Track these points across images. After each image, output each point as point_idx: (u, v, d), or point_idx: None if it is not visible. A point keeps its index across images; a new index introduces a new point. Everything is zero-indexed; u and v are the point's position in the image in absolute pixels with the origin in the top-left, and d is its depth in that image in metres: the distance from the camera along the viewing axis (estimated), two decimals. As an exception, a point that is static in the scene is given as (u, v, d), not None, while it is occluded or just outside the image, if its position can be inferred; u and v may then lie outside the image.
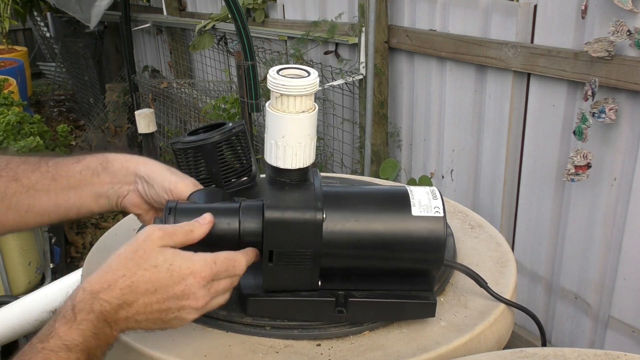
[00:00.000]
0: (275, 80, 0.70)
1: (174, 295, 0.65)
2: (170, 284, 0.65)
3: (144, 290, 0.64)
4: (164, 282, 0.65)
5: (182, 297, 0.65)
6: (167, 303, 0.65)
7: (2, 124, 2.46)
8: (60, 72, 5.81)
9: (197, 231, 0.69)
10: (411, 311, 0.78)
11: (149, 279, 0.64)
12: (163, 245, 0.66)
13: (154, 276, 0.64)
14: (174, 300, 0.65)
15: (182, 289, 0.65)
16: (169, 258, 0.65)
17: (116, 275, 0.64)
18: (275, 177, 0.76)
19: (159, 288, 0.64)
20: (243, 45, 2.16)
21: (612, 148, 1.72)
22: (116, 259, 0.65)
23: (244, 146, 1.00)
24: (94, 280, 0.64)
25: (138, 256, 0.65)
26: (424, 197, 0.76)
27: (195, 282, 0.66)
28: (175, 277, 0.65)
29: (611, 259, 1.81)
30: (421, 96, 2.43)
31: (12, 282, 2.06)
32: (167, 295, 0.65)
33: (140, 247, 0.65)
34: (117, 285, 0.63)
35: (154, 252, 0.65)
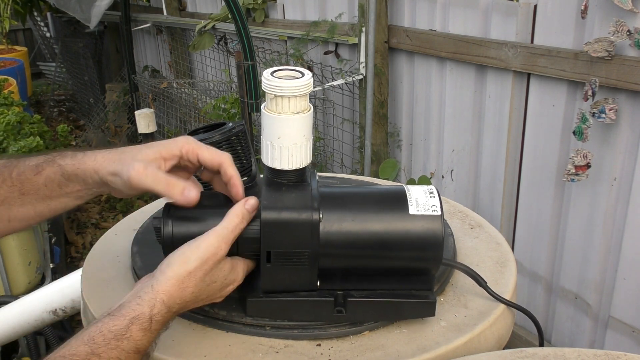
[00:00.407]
0: (269, 82, 0.71)
1: (215, 296, 0.75)
2: (218, 291, 0.74)
3: (201, 299, 0.73)
4: (217, 293, 0.74)
5: (221, 291, 0.75)
6: (208, 299, 0.74)
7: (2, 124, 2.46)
8: (60, 72, 5.81)
9: (246, 218, 0.74)
10: (411, 310, 0.78)
11: (208, 291, 0.72)
12: (223, 255, 0.72)
13: (211, 289, 0.72)
14: (214, 297, 0.75)
15: (223, 293, 0.75)
16: (226, 274, 0.73)
17: (188, 292, 0.70)
18: (272, 178, 0.76)
19: (210, 294, 0.73)
20: (243, 45, 2.16)
21: (612, 148, 1.72)
22: (188, 277, 0.69)
23: (244, 146, 1.00)
24: (170, 294, 0.68)
25: (204, 273, 0.70)
26: (421, 196, 0.76)
27: (233, 287, 0.75)
28: (223, 286, 0.74)
29: (611, 259, 1.81)
30: (421, 96, 2.43)
31: (12, 282, 2.06)
32: (212, 298, 0.75)
33: (208, 264, 0.70)
34: (186, 300, 0.70)
35: (216, 269, 0.71)
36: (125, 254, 0.96)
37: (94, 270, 0.95)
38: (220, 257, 0.71)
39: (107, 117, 4.52)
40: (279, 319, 0.78)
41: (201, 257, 0.69)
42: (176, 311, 0.70)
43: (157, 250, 0.85)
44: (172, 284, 0.68)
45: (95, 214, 3.55)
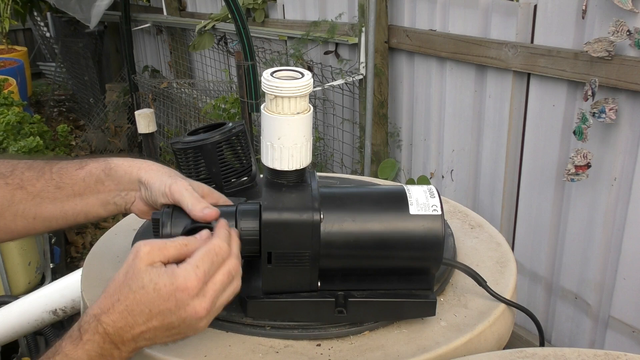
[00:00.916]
0: (269, 83, 0.71)
1: (168, 310, 0.64)
2: (160, 302, 0.64)
3: (139, 312, 0.64)
4: (155, 302, 0.64)
5: (178, 310, 0.64)
6: (166, 318, 0.64)
7: (2, 124, 2.46)
8: (60, 72, 5.81)
9: (192, 245, 0.67)
10: (411, 310, 0.78)
11: (139, 301, 0.63)
12: (151, 262, 0.65)
13: (143, 298, 0.63)
14: (171, 315, 0.64)
15: (174, 303, 0.64)
16: (154, 277, 0.64)
17: (112, 300, 0.64)
18: (272, 179, 0.76)
19: (152, 308, 0.64)
20: (243, 45, 2.16)
21: (612, 148, 1.72)
22: (113, 282, 0.65)
23: (244, 146, 1.00)
24: (96, 303, 0.65)
25: (128, 278, 0.64)
26: (422, 196, 0.76)
27: (185, 294, 0.64)
28: (163, 295, 0.64)
29: (611, 259, 1.81)
30: (421, 96, 2.43)
31: (12, 282, 2.06)
32: (162, 311, 0.64)
33: (130, 268, 0.65)
34: (114, 310, 0.63)
35: (140, 273, 0.64)
36: (125, 254, 0.96)
37: (94, 270, 0.95)
38: (142, 257, 0.64)
39: (107, 117, 4.52)
40: (279, 320, 0.78)
41: (126, 260, 0.66)
42: (108, 322, 0.63)
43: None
44: (102, 292, 0.66)
45: (95, 214, 3.54)
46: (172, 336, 0.66)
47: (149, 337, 0.65)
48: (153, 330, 0.64)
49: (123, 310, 0.63)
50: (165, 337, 0.66)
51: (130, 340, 0.64)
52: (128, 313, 0.63)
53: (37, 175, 0.80)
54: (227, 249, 0.68)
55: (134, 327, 0.64)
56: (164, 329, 0.65)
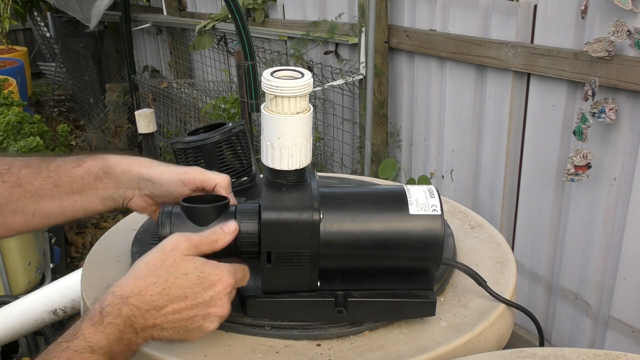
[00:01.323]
0: (269, 82, 0.71)
1: (203, 301, 0.67)
2: (200, 290, 0.66)
3: (175, 296, 0.65)
4: (195, 288, 0.66)
5: (210, 303, 0.67)
6: (195, 310, 0.67)
7: (2, 124, 2.46)
8: (60, 72, 5.81)
9: (222, 240, 0.71)
10: (411, 310, 0.79)
11: (180, 286, 0.66)
12: (189, 254, 0.68)
13: (185, 283, 0.66)
14: (202, 307, 0.67)
15: (212, 295, 0.67)
16: (199, 266, 0.67)
17: (147, 282, 0.65)
18: (272, 179, 0.76)
19: (190, 294, 0.66)
20: (243, 45, 2.16)
21: (612, 148, 1.72)
22: (145, 267, 0.66)
23: (244, 146, 1.00)
24: (123, 284, 0.65)
25: (168, 265, 0.66)
26: (421, 196, 0.76)
27: (223, 288, 0.68)
28: (205, 284, 0.67)
29: (611, 259, 1.81)
30: (421, 96, 2.43)
31: (12, 282, 2.06)
32: (197, 302, 0.66)
33: (169, 256, 0.66)
34: (147, 292, 0.65)
35: (183, 261, 0.67)
36: (125, 254, 0.96)
37: (94, 270, 0.95)
38: (182, 250, 0.67)
39: (107, 117, 4.52)
40: (279, 319, 0.78)
41: (158, 249, 0.68)
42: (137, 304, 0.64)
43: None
44: (127, 276, 0.66)
45: (95, 213, 3.54)
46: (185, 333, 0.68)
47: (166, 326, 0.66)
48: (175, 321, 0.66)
49: (157, 293, 0.65)
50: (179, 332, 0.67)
51: (150, 326, 0.65)
52: (162, 296, 0.65)
53: (35, 173, 0.81)
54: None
55: (161, 311, 0.65)
56: (185, 320, 0.67)
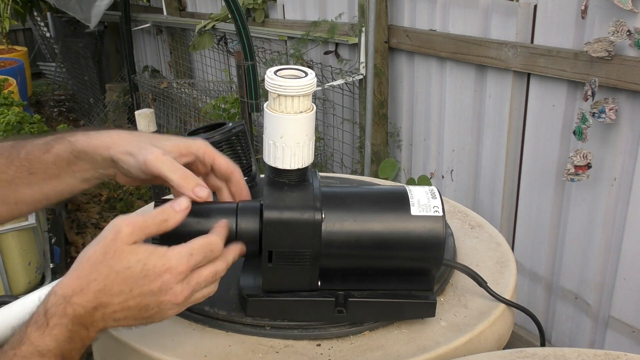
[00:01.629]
0: (273, 81, 0.71)
1: (150, 292, 0.63)
2: (145, 282, 0.62)
3: (118, 291, 0.62)
4: (139, 281, 0.62)
5: (160, 293, 0.63)
6: (144, 300, 0.63)
7: (2, 124, 2.46)
8: (60, 72, 5.81)
9: (172, 220, 0.66)
10: (411, 311, 0.79)
11: (122, 280, 0.62)
12: (134, 241, 0.63)
13: (127, 277, 0.62)
14: (150, 297, 0.63)
15: (159, 285, 0.63)
16: (142, 258, 0.62)
17: (88, 280, 0.62)
18: (274, 178, 0.76)
19: (134, 287, 0.62)
20: (243, 45, 2.16)
21: (612, 148, 1.72)
22: (87, 262, 0.63)
23: (244, 146, 1.00)
24: (65, 284, 0.62)
25: (109, 258, 0.62)
26: (423, 197, 0.76)
27: (172, 277, 0.63)
28: (150, 276, 0.62)
29: (611, 259, 1.81)
30: (421, 96, 2.43)
31: (12, 282, 2.06)
32: (143, 292, 0.63)
33: (110, 248, 0.62)
34: (89, 289, 0.61)
35: (124, 253, 0.62)
36: (126, 254, 0.96)
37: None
38: (124, 238, 0.62)
39: (107, 117, 4.52)
40: (279, 319, 0.78)
41: (99, 239, 0.63)
42: (81, 303, 0.61)
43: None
44: (69, 273, 0.63)
45: (95, 214, 3.55)
46: (142, 319, 0.65)
47: (119, 317, 0.63)
48: (126, 311, 0.63)
49: (99, 290, 0.61)
50: (135, 319, 0.64)
51: (100, 319, 0.62)
52: (104, 293, 0.62)
53: (7, 162, 0.77)
54: (221, 249, 0.68)
55: (108, 307, 0.62)
56: (137, 309, 0.63)
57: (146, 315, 0.64)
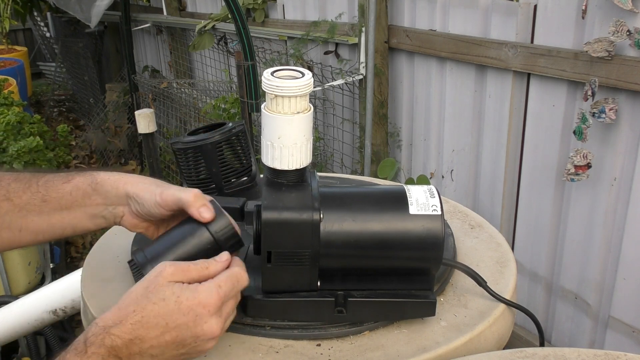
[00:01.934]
0: (270, 82, 0.71)
1: (185, 325, 0.65)
2: (179, 316, 0.65)
3: (154, 324, 0.64)
4: (173, 315, 0.64)
5: (195, 327, 0.65)
6: (180, 335, 0.65)
7: (2, 124, 2.46)
8: (60, 72, 5.81)
9: (213, 268, 0.69)
10: (411, 310, 0.79)
11: (157, 313, 0.64)
12: (174, 280, 0.67)
13: (162, 310, 0.64)
14: (186, 331, 0.65)
15: (193, 319, 0.65)
16: (177, 291, 0.66)
17: (127, 311, 0.64)
18: (272, 179, 0.76)
19: (170, 321, 0.64)
20: (243, 45, 2.16)
21: (612, 148, 1.72)
22: (128, 296, 0.66)
23: (243, 146, 1.00)
24: (107, 316, 0.65)
25: (149, 291, 0.65)
26: (422, 196, 0.76)
27: (206, 311, 0.66)
28: (183, 309, 0.65)
29: (611, 259, 1.81)
30: (421, 96, 2.43)
31: (12, 282, 2.06)
32: (179, 327, 0.65)
33: (152, 284, 0.66)
34: (127, 321, 0.64)
35: (162, 286, 0.65)
36: (125, 254, 0.96)
37: (94, 270, 0.95)
38: (166, 276, 0.66)
39: (107, 117, 4.52)
40: (279, 319, 0.78)
41: (144, 278, 0.68)
42: (119, 334, 0.63)
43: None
44: (113, 307, 0.66)
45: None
46: (179, 356, 0.66)
47: (155, 352, 0.65)
48: (163, 346, 0.65)
49: (137, 322, 0.64)
50: (172, 356, 0.66)
51: (137, 354, 0.64)
52: (142, 325, 0.64)
53: (24, 188, 0.80)
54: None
55: (145, 341, 0.64)
56: (174, 345, 0.65)
57: (183, 352, 0.66)
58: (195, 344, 0.66)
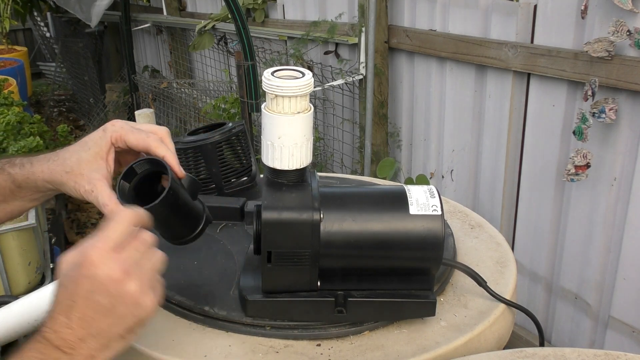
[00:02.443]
0: (270, 82, 0.71)
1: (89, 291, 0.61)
2: (78, 282, 0.62)
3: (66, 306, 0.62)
4: (77, 283, 0.61)
5: (95, 279, 0.61)
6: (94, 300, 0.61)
7: (2, 124, 2.46)
8: (60, 72, 5.81)
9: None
10: (411, 310, 0.79)
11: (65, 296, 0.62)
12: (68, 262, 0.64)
13: (67, 290, 0.62)
14: (96, 295, 0.61)
15: (90, 274, 0.61)
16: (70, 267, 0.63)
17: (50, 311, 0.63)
18: (272, 179, 0.76)
19: (74, 297, 0.61)
20: (243, 45, 2.16)
21: (612, 148, 1.72)
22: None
23: (243, 146, 1.00)
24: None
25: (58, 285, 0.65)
26: (422, 196, 0.76)
27: (96, 260, 0.61)
28: (79, 274, 0.62)
29: (611, 259, 1.81)
30: (421, 96, 2.43)
31: (12, 282, 2.05)
32: (86, 296, 0.61)
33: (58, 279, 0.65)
34: (49, 316, 0.62)
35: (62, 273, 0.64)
36: (126, 254, 0.96)
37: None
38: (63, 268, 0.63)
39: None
40: (279, 319, 0.78)
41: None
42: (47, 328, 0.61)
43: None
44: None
45: (95, 214, 3.55)
46: (119, 324, 0.62)
47: (95, 332, 0.61)
48: (94, 322, 0.61)
49: (55, 312, 0.62)
50: (111, 325, 0.61)
51: (77, 340, 0.60)
52: (59, 313, 0.61)
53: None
54: (129, 213, 0.66)
55: (71, 325, 0.61)
56: (101, 314, 0.61)
57: (117, 317, 0.62)
58: (119, 301, 0.61)
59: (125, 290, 0.61)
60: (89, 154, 0.78)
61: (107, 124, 0.79)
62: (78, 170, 0.77)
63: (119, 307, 0.61)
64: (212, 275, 0.87)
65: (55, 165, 0.79)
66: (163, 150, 0.76)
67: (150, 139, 0.77)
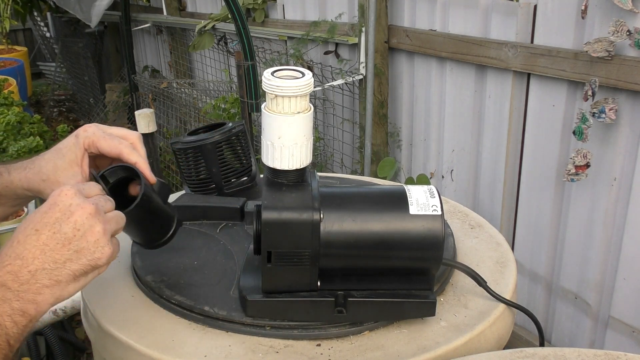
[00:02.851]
0: (270, 82, 0.71)
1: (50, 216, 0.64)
2: (40, 215, 0.65)
3: (23, 236, 0.64)
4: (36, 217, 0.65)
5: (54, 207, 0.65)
6: (52, 226, 0.64)
7: (2, 124, 2.46)
8: (60, 72, 5.81)
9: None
10: (411, 310, 0.79)
11: (24, 227, 0.65)
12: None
13: (27, 221, 0.65)
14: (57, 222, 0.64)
15: (50, 205, 0.65)
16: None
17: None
18: (272, 179, 0.76)
19: (36, 224, 0.64)
20: (243, 45, 2.16)
21: (612, 148, 1.72)
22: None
23: (243, 146, 1.00)
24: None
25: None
26: (422, 196, 0.76)
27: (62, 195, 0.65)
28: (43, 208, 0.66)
29: (611, 259, 1.81)
30: (421, 96, 2.43)
31: (12, 282, 2.05)
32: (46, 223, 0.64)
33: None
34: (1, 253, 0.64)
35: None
36: (125, 254, 0.96)
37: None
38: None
39: (107, 117, 4.52)
40: (279, 319, 0.78)
41: None
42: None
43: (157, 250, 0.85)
44: None
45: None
46: (75, 259, 0.64)
47: (50, 263, 0.63)
48: (52, 253, 0.63)
49: (9, 247, 0.63)
50: (67, 259, 0.64)
51: (27, 274, 0.62)
52: (11, 246, 0.63)
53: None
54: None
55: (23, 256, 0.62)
56: (61, 244, 0.63)
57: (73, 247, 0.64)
58: (80, 232, 0.64)
59: (91, 225, 0.65)
60: (64, 162, 0.80)
61: (79, 130, 0.82)
62: (54, 177, 0.80)
63: (80, 240, 0.64)
64: (212, 275, 0.87)
65: (32, 174, 0.81)
66: (135, 157, 0.79)
67: (122, 146, 0.79)
